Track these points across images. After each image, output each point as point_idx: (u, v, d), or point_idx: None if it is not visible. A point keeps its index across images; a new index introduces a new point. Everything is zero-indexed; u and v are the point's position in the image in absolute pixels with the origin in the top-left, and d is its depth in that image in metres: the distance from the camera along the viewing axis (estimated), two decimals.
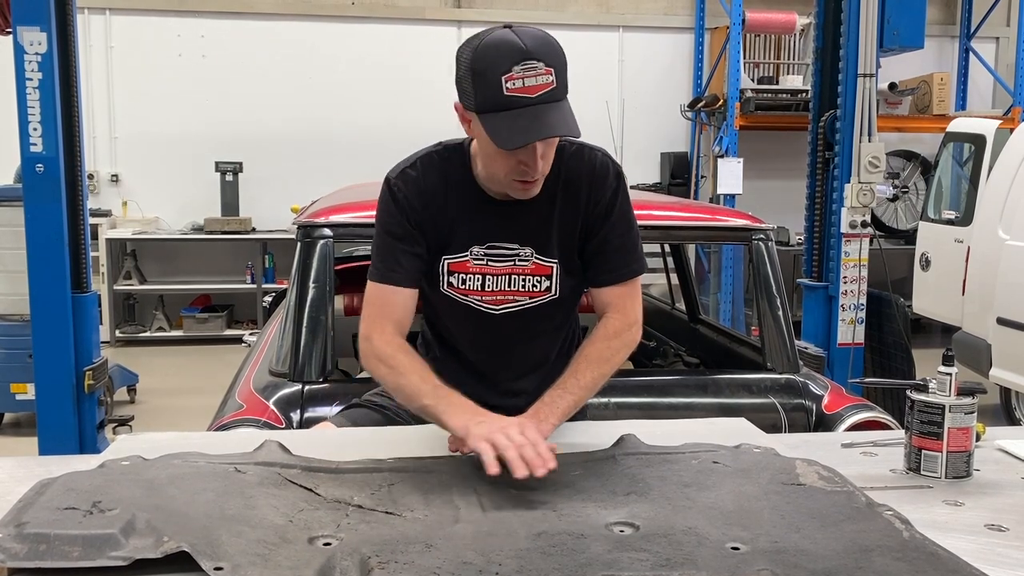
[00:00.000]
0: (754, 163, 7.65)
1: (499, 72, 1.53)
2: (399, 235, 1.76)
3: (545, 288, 1.83)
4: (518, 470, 1.38)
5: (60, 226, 3.70)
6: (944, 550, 1.19)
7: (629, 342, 1.82)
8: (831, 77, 4.62)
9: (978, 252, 5.35)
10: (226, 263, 8.01)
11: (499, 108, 1.55)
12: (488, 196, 1.77)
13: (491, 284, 1.81)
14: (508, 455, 1.40)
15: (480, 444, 1.44)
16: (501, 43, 1.55)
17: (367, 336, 1.74)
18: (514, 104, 1.53)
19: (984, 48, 8.90)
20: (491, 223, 1.78)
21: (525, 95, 1.53)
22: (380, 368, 1.72)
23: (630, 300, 1.83)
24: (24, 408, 5.03)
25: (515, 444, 1.42)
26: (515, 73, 1.52)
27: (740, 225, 2.85)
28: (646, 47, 8.46)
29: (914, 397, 1.56)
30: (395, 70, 8.14)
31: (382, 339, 1.72)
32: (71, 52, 3.76)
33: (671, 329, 3.70)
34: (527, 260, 1.81)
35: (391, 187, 1.77)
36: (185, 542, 1.13)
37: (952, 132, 6.40)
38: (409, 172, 1.77)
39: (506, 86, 1.53)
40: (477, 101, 1.58)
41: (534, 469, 1.38)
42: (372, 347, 1.73)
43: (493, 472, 1.38)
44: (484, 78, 1.55)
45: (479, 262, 1.80)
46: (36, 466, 1.51)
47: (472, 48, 1.58)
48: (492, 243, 1.79)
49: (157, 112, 7.90)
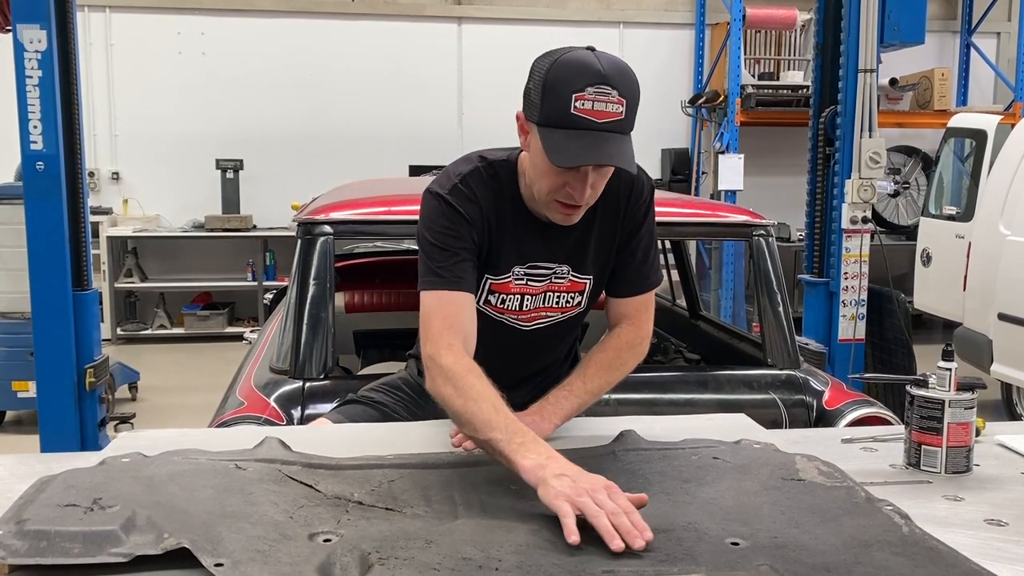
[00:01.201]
0: (755, 159, 7.65)
1: (571, 89, 1.51)
2: (457, 247, 1.68)
3: (576, 304, 1.85)
4: (612, 542, 1.19)
5: (61, 223, 3.71)
6: (944, 545, 1.19)
7: (639, 355, 1.85)
8: (832, 73, 4.61)
9: (979, 248, 5.35)
10: (227, 261, 8.02)
11: (562, 125, 1.53)
12: (533, 216, 1.75)
13: (528, 303, 1.81)
14: (598, 523, 1.21)
15: (561, 505, 1.25)
16: (580, 62, 1.53)
17: (435, 354, 1.60)
18: (578, 124, 1.52)
19: (985, 43, 8.89)
20: (534, 242, 1.77)
21: (591, 118, 1.51)
22: (446, 388, 1.56)
23: (645, 313, 1.87)
24: (26, 406, 5.04)
25: (607, 512, 1.23)
26: (587, 94, 1.50)
27: (740, 221, 2.85)
28: (647, 43, 8.46)
29: (914, 392, 1.56)
30: (396, 67, 8.14)
31: (451, 357, 1.58)
32: (71, 49, 3.77)
33: (672, 325, 3.70)
34: (563, 277, 1.81)
35: (444, 200, 1.68)
36: (185, 538, 1.13)
37: (953, 128, 6.40)
38: (461, 188, 1.70)
39: (575, 104, 1.51)
40: (542, 114, 1.55)
41: (631, 541, 1.19)
42: (440, 366, 1.58)
43: (574, 541, 1.19)
44: (555, 92, 1.52)
45: (519, 282, 1.79)
46: (37, 463, 1.52)
47: (550, 60, 1.55)
48: (533, 262, 1.78)
49: (158, 110, 7.90)
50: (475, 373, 1.56)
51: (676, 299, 4.00)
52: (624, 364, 1.81)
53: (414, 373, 2.06)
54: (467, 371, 1.56)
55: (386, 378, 2.13)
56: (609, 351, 1.81)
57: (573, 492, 1.26)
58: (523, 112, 1.62)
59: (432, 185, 1.72)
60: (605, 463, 1.53)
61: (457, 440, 1.65)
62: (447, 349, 1.59)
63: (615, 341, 1.83)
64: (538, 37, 8.31)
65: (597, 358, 1.79)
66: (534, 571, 1.10)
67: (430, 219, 1.70)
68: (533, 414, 1.69)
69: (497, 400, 1.51)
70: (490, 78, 8.20)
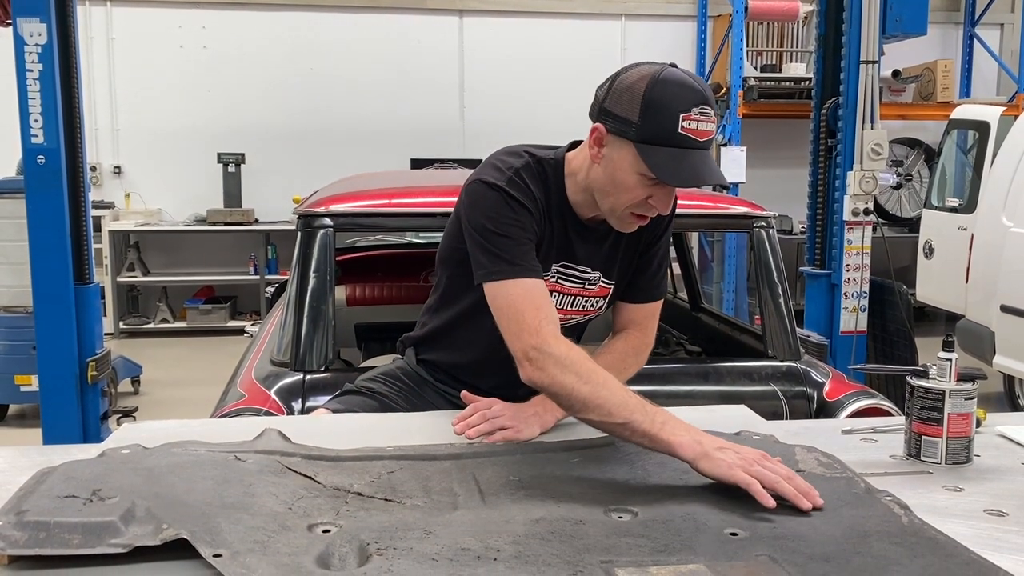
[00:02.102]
0: (757, 152, 7.63)
1: (678, 109, 1.55)
2: (523, 237, 1.67)
3: (598, 307, 1.90)
4: (802, 504, 1.28)
5: (62, 217, 3.71)
6: (943, 535, 1.19)
7: (641, 362, 1.89)
8: (834, 64, 4.60)
9: (982, 240, 5.34)
10: (229, 255, 8.03)
11: (668, 143, 1.55)
12: (576, 218, 1.77)
13: (557, 302, 1.81)
14: (783, 489, 1.29)
15: (741, 476, 1.32)
16: (682, 82, 1.57)
17: (540, 344, 1.55)
18: (683, 143, 1.55)
19: (988, 35, 8.86)
20: (573, 245, 1.79)
21: (695, 137, 1.56)
22: (566, 377, 1.52)
23: (652, 321, 1.92)
24: (29, 400, 5.05)
25: (784, 476, 1.32)
26: (693, 114, 1.55)
27: (741, 213, 2.84)
28: (648, 36, 8.44)
29: (914, 383, 1.56)
30: (397, 61, 8.13)
31: (563, 345, 1.56)
32: (71, 43, 3.77)
33: (673, 318, 3.69)
34: (595, 284, 1.85)
35: (505, 192, 1.67)
36: (184, 529, 1.13)
37: (956, 119, 6.38)
38: (516, 180, 1.69)
39: (682, 124, 1.54)
40: (642, 131, 1.56)
41: (814, 500, 1.28)
42: (554, 355, 1.54)
43: (771, 505, 1.28)
44: (660, 111, 1.55)
45: (553, 280, 1.80)
46: (37, 455, 1.52)
47: (649, 79, 1.57)
48: (568, 263, 1.80)
49: (159, 104, 7.91)
50: (589, 359, 1.57)
51: (677, 292, 3.99)
52: (627, 368, 1.84)
53: (412, 362, 2.06)
54: (583, 357, 1.56)
55: (384, 367, 2.13)
56: (616, 354, 1.85)
57: (744, 463, 1.33)
58: (605, 126, 1.62)
59: (484, 176, 1.71)
60: (605, 454, 1.53)
61: (460, 428, 1.66)
62: (554, 338, 1.57)
63: (622, 345, 1.87)
64: (540, 30, 8.34)
65: (603, 360, 1.79)
66: (532, 561, 1.10)
67: (490, 209, 1.67)
68: (536, 405, 1.70)
69: (619, 382, 1.54)
70: (492, 71, 8.20)
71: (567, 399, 1.54)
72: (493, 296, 1.65)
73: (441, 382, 2.01)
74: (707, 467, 1.35)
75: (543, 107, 7.98)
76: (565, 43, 8.32)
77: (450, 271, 1.89)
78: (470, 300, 1.81)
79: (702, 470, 1.36)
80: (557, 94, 7.93)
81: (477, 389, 1.79)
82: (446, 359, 1.99)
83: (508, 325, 1.62)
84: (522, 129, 7.12)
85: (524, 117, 7.99)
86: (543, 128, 6.99)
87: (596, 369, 1.54)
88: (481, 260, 1.67)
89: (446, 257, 1.89)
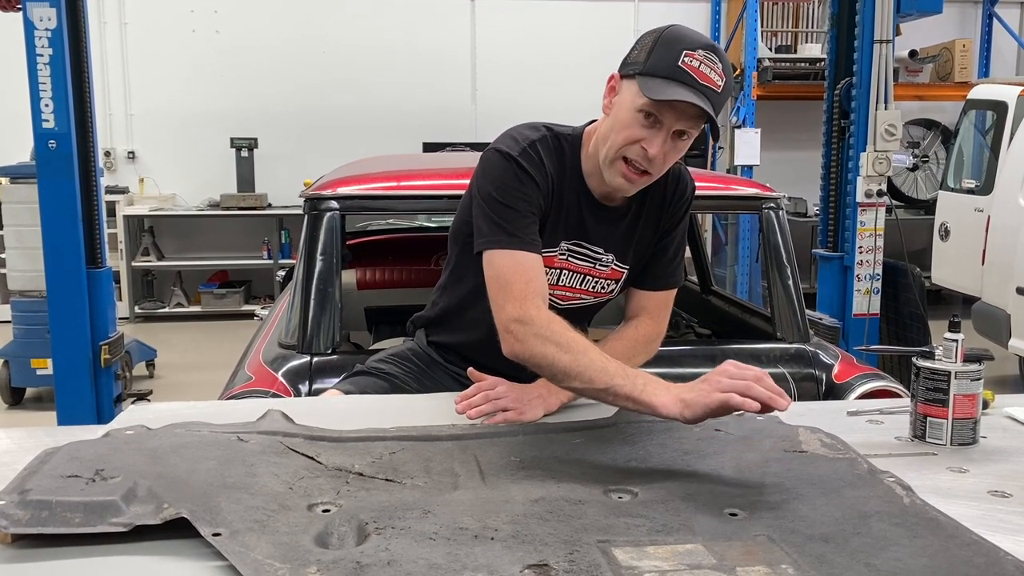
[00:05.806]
0: (772, 133, 7.56)
1: (683, 46, 1.57)
2: (527, 209, 1.67)
3: (610, 291, 1.89)
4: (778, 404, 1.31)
5: (74, 201, 3.74)
6: (944, 516, 1.19)
7: (651, 352, 1.87)
8: (847, 44, 4.55)
9: (998, 221, 5.28)
10: (242, 239, 8.06)
11: (665, 75, 1.57)
12: (591, 195, 1.77)
13: (566, 280, 1.82)
14: (756, 393, 1.31)
15: (716, 399, 1.34)
16: (698, 34, 1.63)
17: (523, 316, 1.57)
18: (680, 77, 1.56)
19: (1008, 13, 8.72)
20: (587, 223, 1.78)
21: (695, 75, 1.56)
22: (546, 348, 1.53)
23: (664, 310, 1.90)
24: (45, 383, 5.10)
25: (754, 378, 1.34)
26: (697, 55, 1.56)
27: (750, 194, 2.82)
28: (662, 17, 8.32)
29: (920, 364, 1.54)
30: (409, 44, 8.10)
31: (542, 315, 1.57)
32: (81, 27, 3.77)
33: (683, 300, 3.67)
34: (607, 265, 1.84)
35: (516, 162, 1.67)
36: (185, 509, 1.14)
37: (973, 99, 6.29)
38: (530, 152, 1.69)
39: (683, 59, 1.56)
40: (647, 64, 1.59)
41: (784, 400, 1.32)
42: (533, 325, 1.55)
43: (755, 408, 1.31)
44: (667, 46, 1.58)
45: (563, 257, 1.80)
46: (44, 436, 1.53)
47: (668, 26, 1.63)
48: (580, 241, 1.80)
49: (172, 88, 7.92)
50: (569, 328, 1.57)
51: (688, 274, 3.97)
52: (635, 356, 1.81)
53: (422, 343, 2.06)
54: (564, 327, 1.56)
55: (394, 348, 2.13)
56: (626, 341, 1.83)
57: (719, 386, 1.34)
58: (620, 72, 1.66)
59: (499, 145, 1.72)
60: (607, 435, 1.53)
61: (462, 407, 1.66)
62: (536, 309, 1.58)
63: (633, 332, 1.85)
64: (552, 12, 8.28)
65: (613, 346, 1.78)
66: (530, 540, 1.10)
67: (499, 179, 1.68)
68: (540, 387, 1.69)
69: (598, 349, 1.54)
70: (504, 54, 8.15)
71: (549, 369, 1.55)
72: (488, 264, 1.67)
73: (451, 363, 2.01)
74: (690, 415, 1.37)
75: (556, 90, 7.93)
76: (578, 25, 8.26)
77: (459, 247, 1.89)
78: (479, 278, 1.80)
79: (687, 420, 1.38)
80: (570, 77, 7.88)
81: (485, 368, 1.78)
82: (455, 339, 1.99)
83: (495, 295, 1.64)
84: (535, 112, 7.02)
85: (537, 100, 7.94)
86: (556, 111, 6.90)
87: (576, 338, 1.54)
88: (483, 228, 1.68)
89: (457, 232, 1.90)
